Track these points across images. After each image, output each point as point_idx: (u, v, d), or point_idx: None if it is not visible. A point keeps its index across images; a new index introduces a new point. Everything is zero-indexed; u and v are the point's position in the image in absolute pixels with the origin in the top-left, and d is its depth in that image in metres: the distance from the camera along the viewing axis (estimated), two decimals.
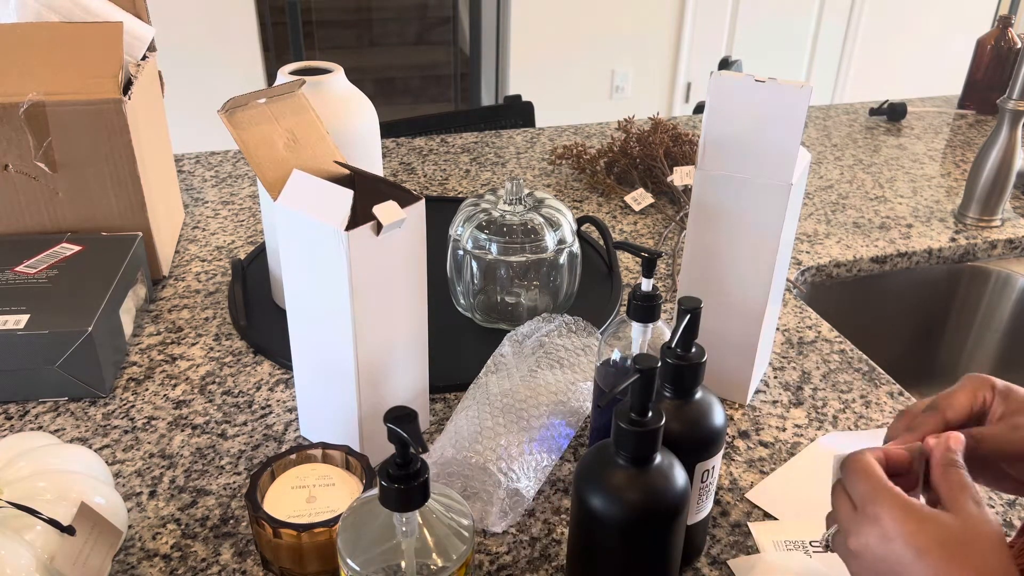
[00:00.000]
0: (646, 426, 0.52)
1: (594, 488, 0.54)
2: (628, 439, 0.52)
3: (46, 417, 0.79)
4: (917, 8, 3.63)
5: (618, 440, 0.53)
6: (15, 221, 0.93)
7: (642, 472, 0.53)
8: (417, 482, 0.48)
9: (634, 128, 1.35)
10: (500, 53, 3.37)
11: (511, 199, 0.89)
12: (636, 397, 0.52)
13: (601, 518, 0.54)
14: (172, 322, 0.94)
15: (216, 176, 1.31)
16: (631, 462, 0.53)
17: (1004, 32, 1.59)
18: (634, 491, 0.53)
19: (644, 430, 0.52)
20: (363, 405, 0.70)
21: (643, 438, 0.52)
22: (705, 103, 0.73)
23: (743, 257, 0.76)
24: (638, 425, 0.52)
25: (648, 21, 3.39)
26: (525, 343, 0.81)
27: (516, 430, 0.69)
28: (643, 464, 0.53)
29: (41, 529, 0.56)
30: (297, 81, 0.74)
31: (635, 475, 0.53)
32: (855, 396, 0.86)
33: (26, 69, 0.89)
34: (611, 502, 0.53)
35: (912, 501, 0.46)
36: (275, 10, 3.17)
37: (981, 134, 1.58)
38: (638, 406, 0.52)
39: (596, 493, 0.54)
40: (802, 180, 0.76)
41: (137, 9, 1.04)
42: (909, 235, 1.19)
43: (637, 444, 0.53)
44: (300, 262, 0.67)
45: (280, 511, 0.62)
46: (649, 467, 0.54)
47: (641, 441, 0.52)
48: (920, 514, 0.45)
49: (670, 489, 0.54)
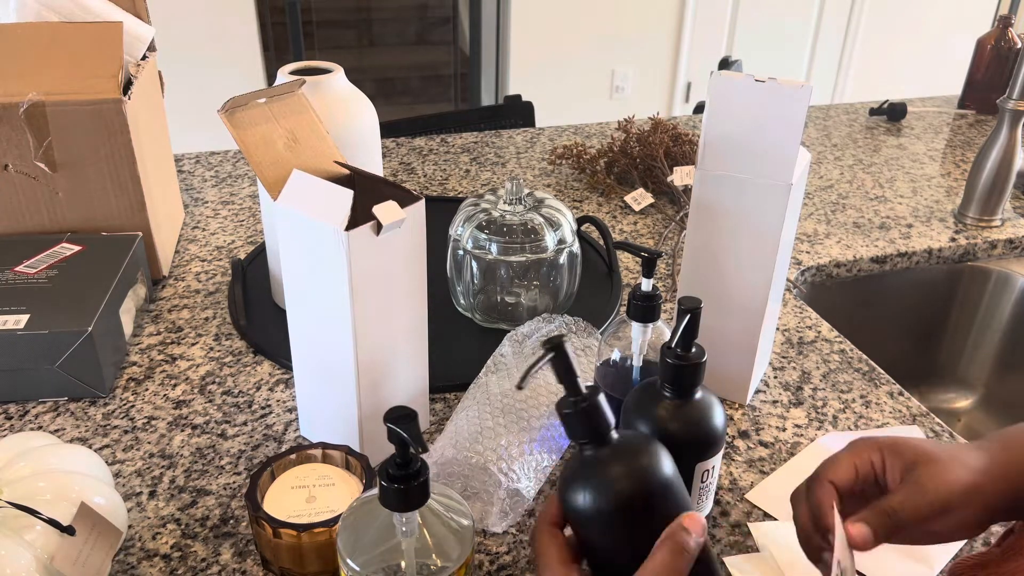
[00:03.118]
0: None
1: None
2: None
3: (46, 417, 0.79)
4: (917, 8, 3.63)
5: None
6: (15, 221, 0.93)
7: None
8: (417, 482, 0.48)
9: (634, 128, 1.35)
10: (500, 53, 3.37)
11: (511, 199, 0.89)
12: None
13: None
14: (172, 322, 0.94)
15: (216, 176, 1.31)
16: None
17: (1004, 32, 1.59)
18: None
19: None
20: (363, 405, 0.70)
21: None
22: (705, 103, 0.73)
23: (743, 257, 0.76)
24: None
25: (648, 21, 3.39)
26: (525, 343, 0.81)
27: (516, 430, 0.69)
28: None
29: (41, 529, 0.56)
30: (297, 81, 0.74)
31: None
32: (855, 396, 0.86)
33: (26, 69, 0.89)
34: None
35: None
36: (275, 10, 3.17)
37: (981, 134, 1.58)
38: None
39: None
40: (802, 180, 0.76)
41: (137, 9, 1.04)
42: (909, 235, 1.19)
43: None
44: (300, 262, 0.67)
45: (280, 511, 0.62)
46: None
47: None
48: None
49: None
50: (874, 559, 0.66)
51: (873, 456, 0.53)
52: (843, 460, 0.53)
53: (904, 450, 0.52)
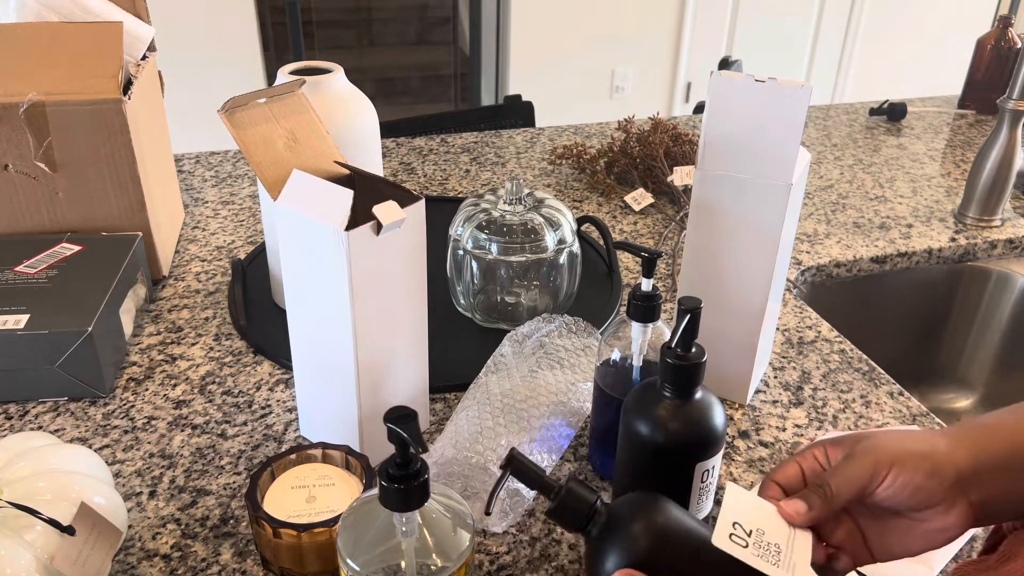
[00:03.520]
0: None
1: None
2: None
3: (46, 417, 0.79)
4: (917, 8, 3.63)
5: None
6: (15, 221, 0.93)
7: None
8: (417, 482, 0.48)
9: (634, 128, 1.35)
10: (500, 53, 3.37)
11: (511, 199, 0.89)
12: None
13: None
14: (172, 322, 0.94)
15: (216, 176, 1.31)
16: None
17: (1004, 32, 1.59)
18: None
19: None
20: (363, 405, 0.70)
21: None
22: (705, 103, 0.73)
23: (743, 257, 0.76)
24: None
25: (648, 21, 3.39)
26: (525, 343, 0.81)
27: (516, 430, 0.69)
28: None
29: (41, 529, 0.56)
30: (297, 81, 0.74)
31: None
32: (855, 396, 0.86)
33: (26, 69, 0.89)
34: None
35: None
36: (275, 10, 3.17)
37: (981, 134, 1.58)
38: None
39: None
40: (802, 180, 0.76)
41: (137, 9, 1.04)
42: (909, 235, 1.19)
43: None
44: (300, 262, 0.67)
45: (280, 511, 0.62)
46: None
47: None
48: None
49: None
50: None
51: (816, 452, 0.54)
52: (788, 461, 0.55)
53: (846, 440, 0.53)
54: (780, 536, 0.49)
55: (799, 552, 0.49)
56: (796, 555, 0.49)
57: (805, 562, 0.49)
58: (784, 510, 0.50)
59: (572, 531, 0.52)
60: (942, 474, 0.49)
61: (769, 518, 0.50)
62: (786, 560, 0.48)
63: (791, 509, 0.50)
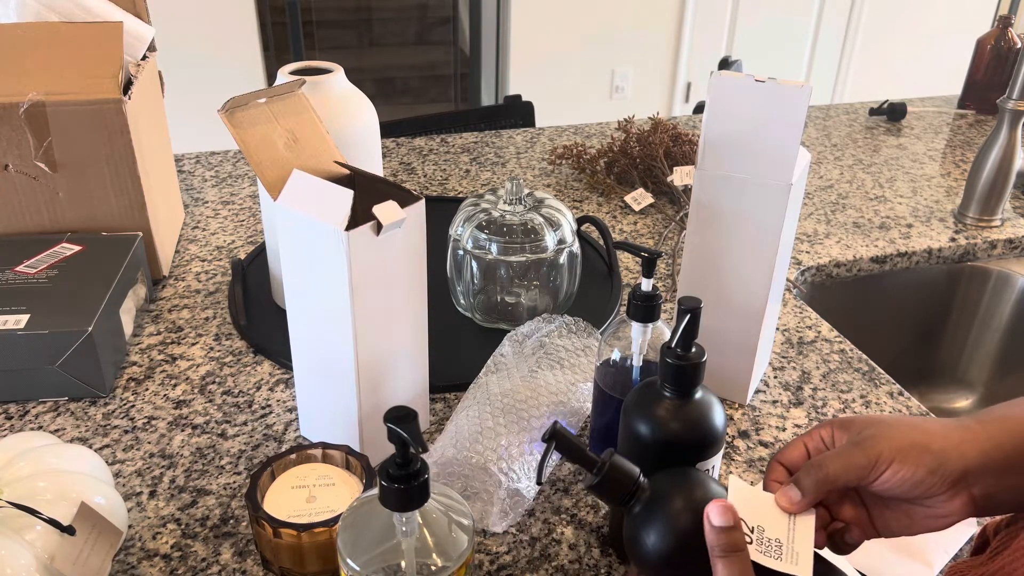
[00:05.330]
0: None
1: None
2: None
3: (46, 417, 0.79)
4: (917, 8, 3.63)
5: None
6: (15, 221, 0.93)
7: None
8: (417, 482, 0.48)
9: (634, 128, 1.35)
10: (500, 53, 3.37)
11: (511, 199, 0.89)
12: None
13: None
14: (172, 322, 0.94)
15: (216, 176, 1.31)
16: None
17: (1004, 32, 1.59)
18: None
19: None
20: (363, 405, 0.70)
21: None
22: (705, 103, 0.73)
23: (743, 257, 0.76)
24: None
25: (648, 21, 3.39)
26: (525, 343, 0.81)
27: (516, 430, 0.69)
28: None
29: (41, 529, 0.56)
30: (297, 81, 0.74)
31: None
32: (855, 396, 0.86)
33: (26, 69, 0.89)
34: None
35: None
36: (275, 10, 3.17)
37: (981, 134, 1.58)
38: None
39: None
40: (802, 180, 0.76)
41: (137, 9, 1.04)
42: (909, 235, 1.19)
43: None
44: (300, 262, 0.67)
45: (280, 511, 0.62)
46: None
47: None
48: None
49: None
50: (874, 559, 0.66)
51: (823, 433, 0.54)
52: (794, 442, 0.55)
53: (855, 422, 0.53)
54: (780, 528, 0.50)
55: (800, 540, 0.50)
56: (798, 544, 0.50)
57: (808, 549, 0.50)
58: (779, 501, 0.51)
59: (615, 506, 0.52)
60: (946, 468, 0.49)
61: (770, 509, 0.52)
62: (788, 552, 0.49)
63: (784, 500, 0.51)
